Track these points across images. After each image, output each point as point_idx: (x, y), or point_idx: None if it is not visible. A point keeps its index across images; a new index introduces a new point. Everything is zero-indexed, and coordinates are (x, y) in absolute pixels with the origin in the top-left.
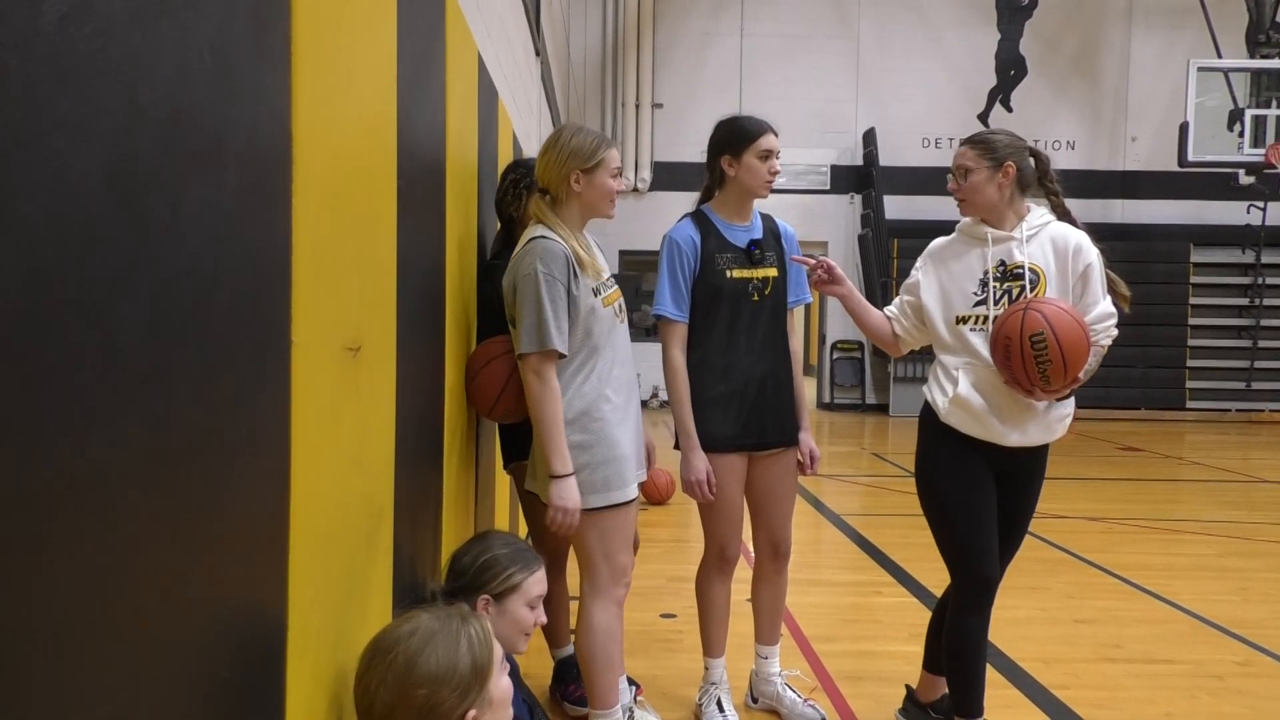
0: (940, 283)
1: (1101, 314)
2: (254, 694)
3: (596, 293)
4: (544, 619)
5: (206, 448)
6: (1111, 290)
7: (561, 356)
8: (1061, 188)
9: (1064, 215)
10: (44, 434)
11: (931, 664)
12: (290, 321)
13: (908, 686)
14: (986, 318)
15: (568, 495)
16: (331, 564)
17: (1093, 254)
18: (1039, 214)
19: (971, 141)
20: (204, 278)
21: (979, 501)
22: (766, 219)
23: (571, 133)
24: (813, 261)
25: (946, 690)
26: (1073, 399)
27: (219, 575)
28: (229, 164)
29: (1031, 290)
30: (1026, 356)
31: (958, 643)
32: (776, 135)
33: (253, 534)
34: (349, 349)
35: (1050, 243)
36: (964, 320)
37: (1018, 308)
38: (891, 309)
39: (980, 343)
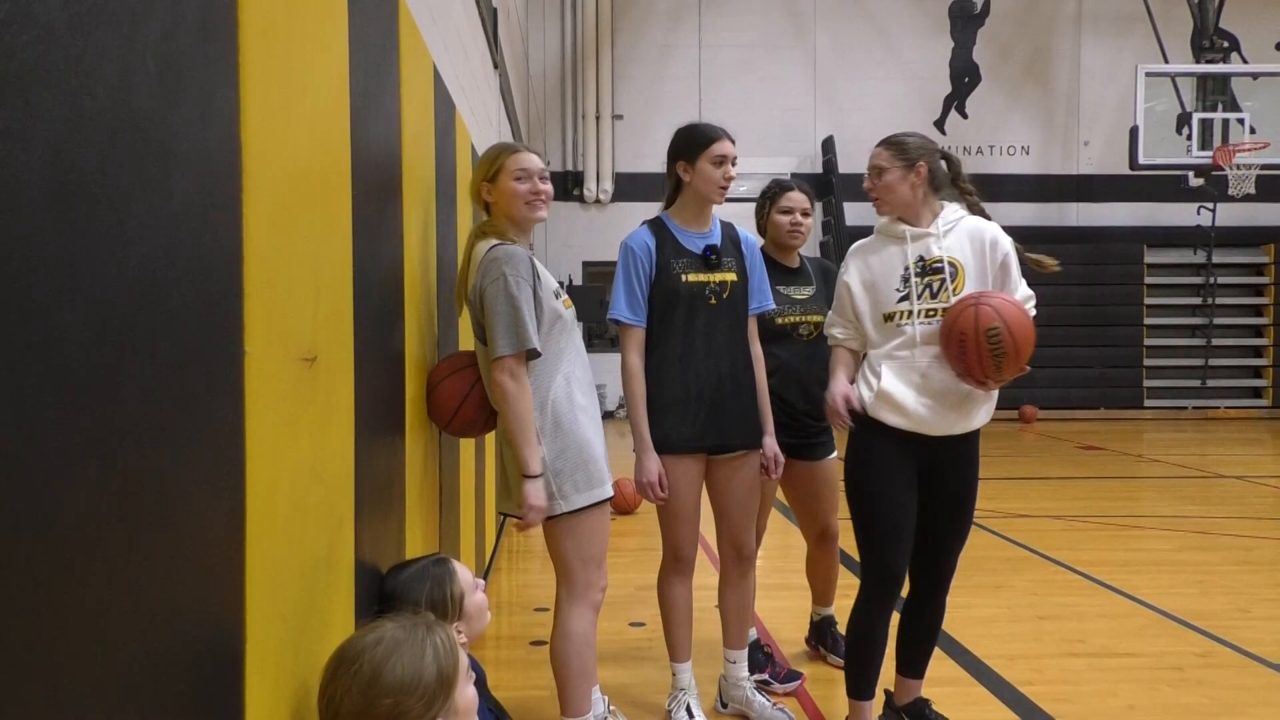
0: (864, 282)
1: (1023, 297)
2: (212, 707)
3: (557, 295)
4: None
5: (157, 457)
6: (1039, 266)
7: (537, 355)
8: (976, 188)
9: (979, 213)
10: None
11: (903, 666)
12: (243, 331)
13: (886, 691)
14: (911, 312)
15: (540, 495)
16: (291, 576)
17: (1007, 243)
18: (953, 210)
19: (886, 143)
20: (152, 286)
21: (897, 498)
22: (727, 226)
23: (485, 150)
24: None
25: (920, 695)
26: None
27: (172, 587)
28: (176, 172)
29: (951, 282)
30: (982, 350)
31: (855, 630)
32: (733, 142)
33: (207, 545)
34: (304, 359)
35: (967, 236)
36: (890, 317)
37: (967, 303)
38: (837, 332)
39: (905, 337)
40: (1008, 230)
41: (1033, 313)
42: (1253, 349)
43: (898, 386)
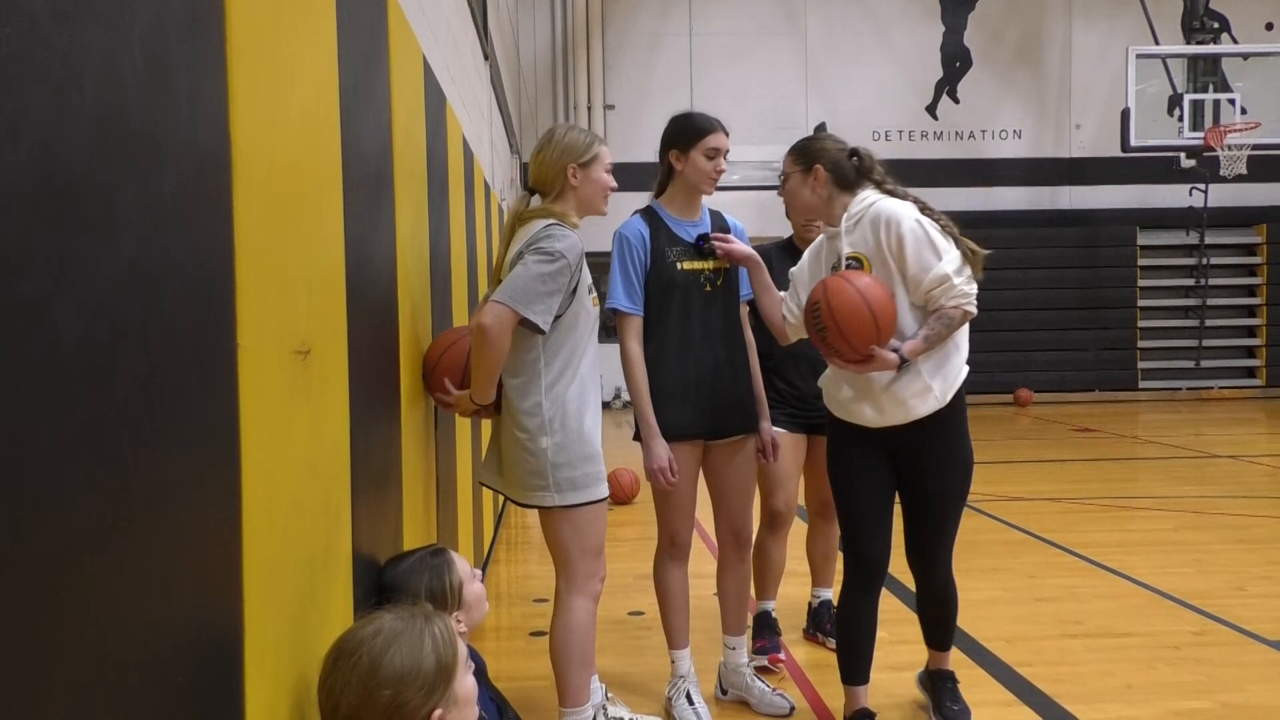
0: (800, 282)
1: (936, 278)
2: (212, 701)
3: (590, 290)
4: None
5: (151, 452)
6: (973, 252)
7: (537, 330)
8: (893, 178)
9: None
10: None
11: (925, 638)
12: (236, 324)
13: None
14: None
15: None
16: (288, 569)
17: (903, 223)
18: (858, 201)
19: (790, 148)
20: (143, 280)
21: (866, 484)
22: (715, 215)
23: (565, 129)
24: (719, 237)
25: (944, 667)
26: (927, 376)
27: (169, 582)
28: (166, 166)
29: None
30: (810, 325)
31: (840, 614)
32: (727, 134)
33: (203, 540)
34: (298, 352)
35: (869, 225)
36: None
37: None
38: (787, 314)
39: None
40: (1000, 215)
41: (958, 295)
42: (1246, 329)
43: (834, 384)
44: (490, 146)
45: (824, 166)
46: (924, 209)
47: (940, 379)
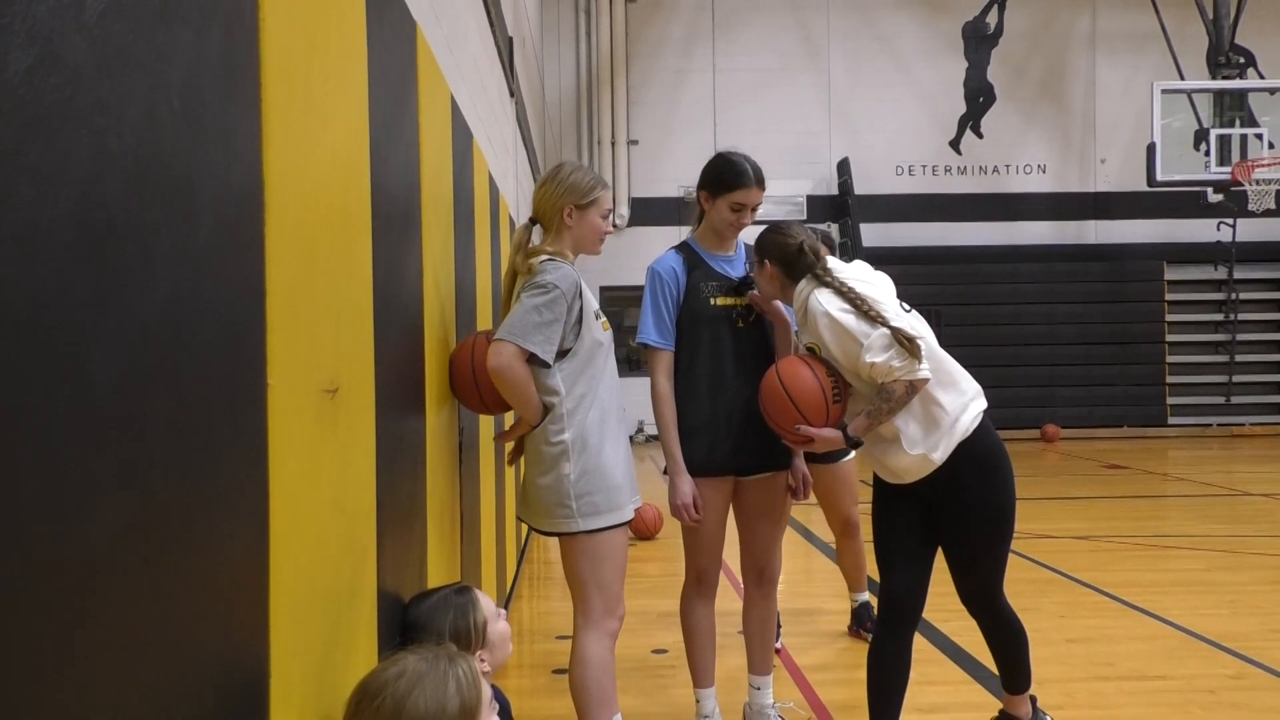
0: None
1: (866, 365)
2: None
3: (597, 316)
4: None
5: (183, 493)
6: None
7: (543, 364)
8: (833, 274)
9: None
10: (16, 482)
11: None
12: (266, 365)
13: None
14: None
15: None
16: (314, 608)
17: (819, 320)
18: (797, 294)
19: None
20: (178, 322)
21: (895, 527)
22: (750, 249)
23: (571, 169)
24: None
25: (1017, 712)
26: (907, 441)
27: (197, 621)
28: (201, 209)
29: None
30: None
31: (872, 659)
32: (762, 186)
33: (232, 580)
34: (326, 391)
35: (805, 320)
36: None
37: None
38: None
39: None
40: (1025, 250)
41: (897, 373)
42: (1277, 365)
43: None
44: (515, 181)
45: (771, 262)
46: (846, 293)
47: (930, 444)
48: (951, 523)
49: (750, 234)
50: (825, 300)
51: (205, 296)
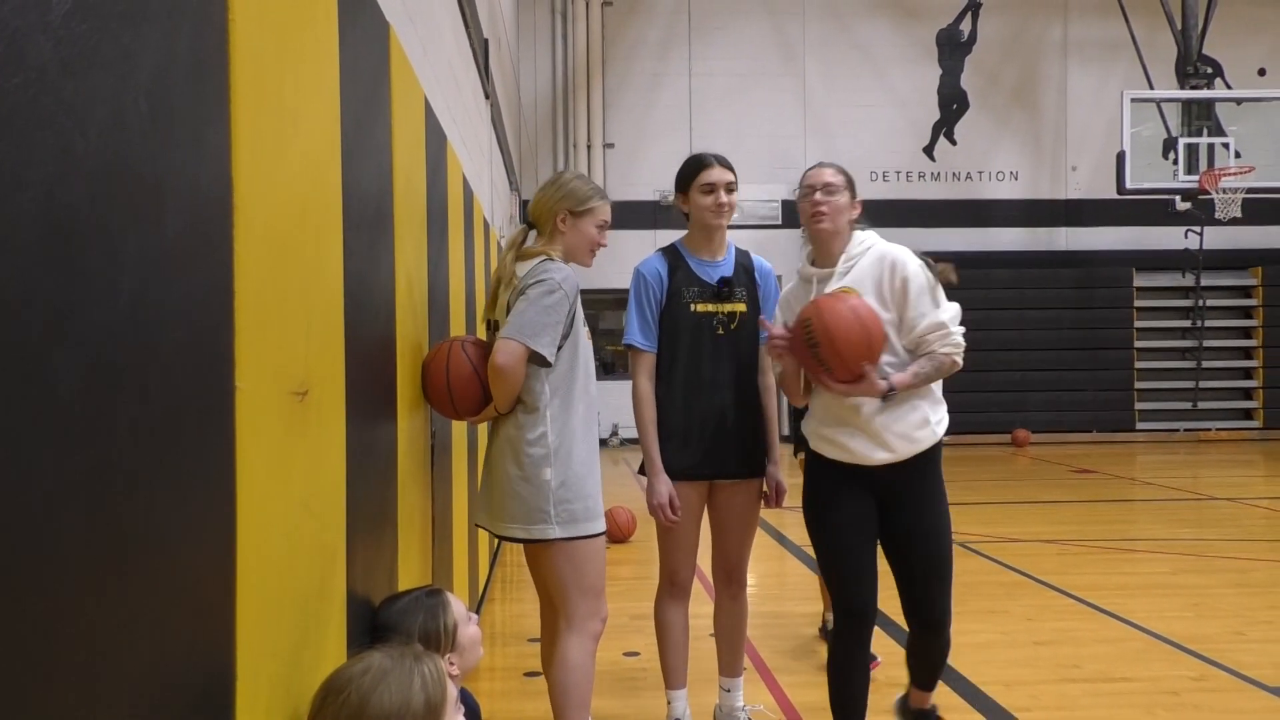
0: (788, 326)
1: (931, 325)
2: None
3: (584, 324)
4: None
5: (148, 495)
6: (946, 277)
7: (544, 363)
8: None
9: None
10: None
11: (911, 676)
12: (234, 367)
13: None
14: None
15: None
16: (283, 610)
17: (910, 268)
18: (858, 241)
19: (834, 166)
20: (143, 324)
21: (847, 531)
22: (742, 254)
23: (571, 176)
24: (774, 330)
25: (928, 706)
26: (927, 408)
27: (163, 624)
28: (168, 210)
29: None
30: (799, 340)
31: (833, 665)
32: (728, 168)
33: (198, 581)
34: (296, 393)
35: (870, 264)
36: None
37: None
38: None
39: None
40: (996, 256)
41: (949, 344)
42: (1243, 371)
43: (825, 420)
44: (490, 184)
45: (854, 197)
46: (921, 257)
47: (934, 413)
48: (900, 530)
49: (747, 239)
50: (909, 253)
51: (172, 298)
